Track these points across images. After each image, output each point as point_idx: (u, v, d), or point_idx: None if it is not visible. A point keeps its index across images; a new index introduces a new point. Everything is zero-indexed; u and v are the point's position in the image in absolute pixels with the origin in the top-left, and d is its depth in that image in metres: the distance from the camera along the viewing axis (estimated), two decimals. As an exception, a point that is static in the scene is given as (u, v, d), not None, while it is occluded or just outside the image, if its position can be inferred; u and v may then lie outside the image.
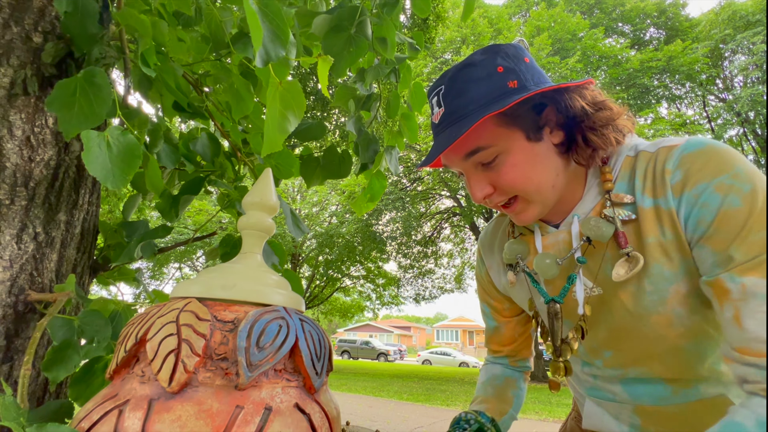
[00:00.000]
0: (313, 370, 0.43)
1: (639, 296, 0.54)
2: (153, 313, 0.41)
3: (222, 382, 0.37)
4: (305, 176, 1.13)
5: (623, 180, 0.56)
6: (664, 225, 0.51)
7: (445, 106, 0.56)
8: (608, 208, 0.55)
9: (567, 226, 0.60)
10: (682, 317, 0.53)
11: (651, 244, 0.52)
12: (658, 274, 0.52)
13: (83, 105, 0.53)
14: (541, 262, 0.59)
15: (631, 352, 0.59)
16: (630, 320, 0.56)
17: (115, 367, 0.39)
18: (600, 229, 0.54)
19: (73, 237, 0.68)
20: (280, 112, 0.50)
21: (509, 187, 0.55)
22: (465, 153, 0.56)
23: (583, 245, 0.57)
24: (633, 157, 0.56)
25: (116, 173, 0.50)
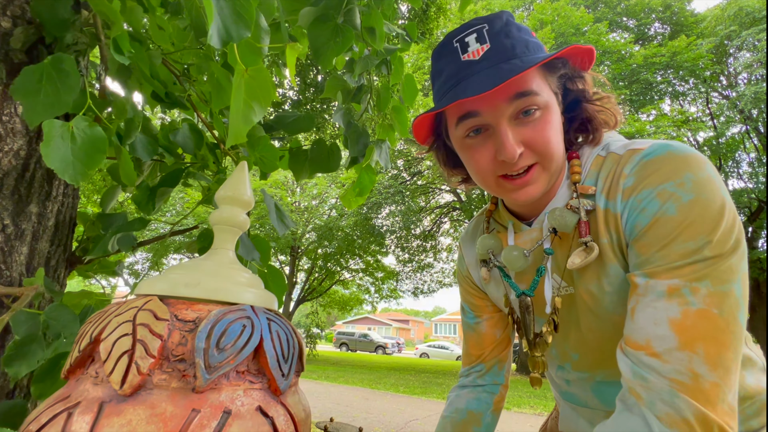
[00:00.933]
0: (279, 372, 0.42)
1: (600, 296, 0.54)
2: (111, 311, 0.40)
3: (178, 384, 0.36)
4: (294, 170, 1.11)
5: (591, 178, 0.56)
6: (611, 228, 0.52)
7: (493, 42, 0.52)
8: (574, 199, 0.55)
9: (539, 224, 0.60)
10: None
11: (605, 245, 0.53)
12: (615, 274, 0.53)
13: (49, 92, 0.51)
14: (508, 254, 0.59)
15: (597, 354, 0.59)
16: (594, 321, 0.57)
17: (69, 367, 0.38)
18: (564, 218, 0.54)
19: (45, 229, 0.66)
20: (244, 101, 0.48)
21: (543, 146, 0.53)
22: (518, 91, 0.51)
23: (550, 236, 0.57)
24: (603, 157, 0.56)
25: (77, 166, 0.48)
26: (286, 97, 7.31)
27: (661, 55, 10.54)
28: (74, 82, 0.53)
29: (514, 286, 0.61)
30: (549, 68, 0.54)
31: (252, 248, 0.80)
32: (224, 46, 0.41)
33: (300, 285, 17.04)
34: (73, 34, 0.63)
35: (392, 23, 1.18)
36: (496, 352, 0.77)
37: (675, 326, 0.42)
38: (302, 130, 1.07)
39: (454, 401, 0.76)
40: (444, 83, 0.56)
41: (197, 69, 0.88)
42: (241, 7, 0.41)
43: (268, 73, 0.48)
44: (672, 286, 0.44)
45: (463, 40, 0.54)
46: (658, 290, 0.44)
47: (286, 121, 1.09)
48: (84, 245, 0.84)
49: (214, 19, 0.40)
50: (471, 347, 0.78)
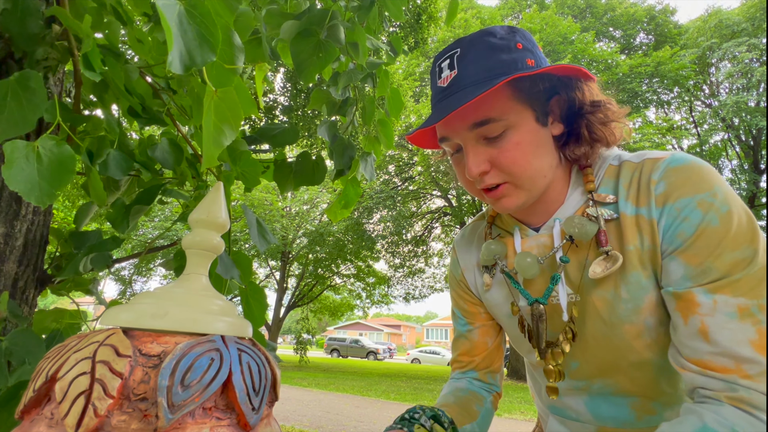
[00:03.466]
0: (249, 406, 0.40)
1: (615, 304, 0.54)
2: (70, 346, 0.38)
3: (139, 425, 0.34)
4: (278, 182, 1.10)
5: (606, 186, 0.56)
6: (644, 234, 0.51)
7: (459, 69, 0.53)
8: (591, 207, 0.55)
9: (548, 230, 0.59)
10: (651, 328, 0.53)
11: (631, 252, 0.52)
12: (635, 282, 0.52)
13: (13, 110, 0.49)
14: (522, 260, 0.58)
15: (599, 363, 0.58)
16: (602, 329, 0.56)
17: (23, 407, 0.36)
18: (584, 227, 0.53)
19: (13, 250, 0.64)
20: (214, 124, 0.47)
21: (508, 167, 0.53)
22: (474, 122, 0.53)
23: (565, 244, 0.56)
24: (617, 166, 0.56)
25: (43, 187, 0.46)
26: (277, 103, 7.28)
27: (646, 64, 10.80)
28: (40, 100, 0.51)
29: (525, 294, 0.60)
30: (523, 87, 0.53)
31: (231, 266, 0.78)
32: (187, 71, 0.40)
33: (291, 290, 16.89)
34: (43, 49, 0.61)
35: (378, 36, 1.18)
36: (487, 362, 0.74)
37: (757, 347, 0.43)
38: (287, 143, 1.06)
39: (453, 383, 0.74)
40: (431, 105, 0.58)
41: (178, 82, 0.87)
42: (207, 30, 0.40)
43: (234, 95, 0.47)
44: (742, 306, 0.44)
45: (440, 66, 0.56)
46: (729, 311, 0.45)
47: (270, 133, 1.07)
48: (57, 263, 0.81)
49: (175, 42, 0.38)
50: (461, 354, 0.75)
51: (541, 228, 0.61)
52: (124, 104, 0.77)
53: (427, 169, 13.33)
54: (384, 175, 14.00)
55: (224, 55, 0.51)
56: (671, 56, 10.91)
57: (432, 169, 12.98)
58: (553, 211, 0.59)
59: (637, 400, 0.58)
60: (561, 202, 0.59)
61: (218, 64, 0.49)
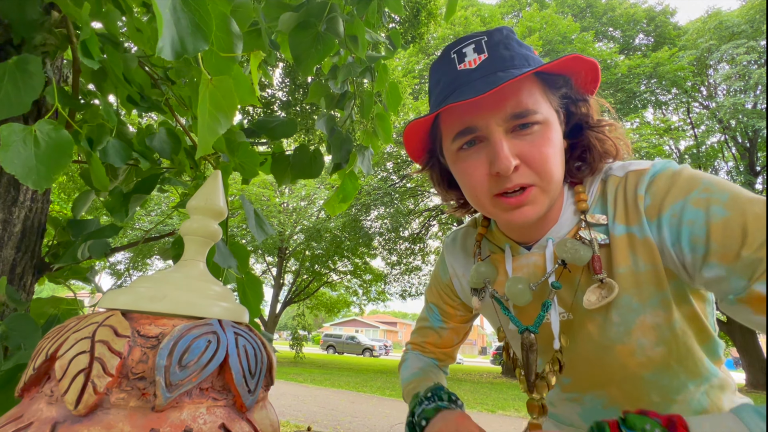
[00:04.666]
0: (245, 388, 0.41)
1: (606, 327, 0.53)
2: (69, 326, 0.38)
3: (137, 403, 0.35)
4: (276, 175, 1.10)
5: (597, 204, 0.54)
6: (638, 254, 0.49)
7: (490, 53, 0.50)
8: (584, 229, 0.52)
9: (540, 249, 0.57)
10: (645, 348, 0.52)
11: (622, 275, 0.50)
12: (626, 305, 0.51)
13: (10, 92, 0.49)
14: (513, 287, 0.55)
15: (591, 379, 0.58)
16: (593, 349, 0.55)
17: (23, 385, 0.37)
18: (578, 252, 0.51)
19: (11, 236, 0.64)
20: (209, 112, 0.47)
21: (541, 164, 0.48)
22: (514, 112, 0.48)
23: (557, 269, 0.53)
24: (603, 181, 0.55)
25: (41, 171, 0.46)
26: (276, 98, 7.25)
27: (645, 65, 10.82)
28: (37, 83, 0.51)
29: (516, 322, 0.57)
30: (550, 85, 0.52)
31: (229, 255, 0.78)
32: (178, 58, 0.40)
33: (287, 287, 16.89)
34: (42, 35, 0.61)
35: (377, 30, 1.18)
36: (446, 353, 0.79)
37: None
38: (285, 135, 1.06)
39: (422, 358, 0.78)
40: (440, 93, 0.53)
41: (176, 72, 0.87)
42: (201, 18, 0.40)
43: (230, 83, 0.47)
44: None
45: (461, 51, 0.52)
46: None
47: (269, 125, 1.08)
48: (54, 251, 0.81)
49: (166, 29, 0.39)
50: (427, 344, 0.79)
51: (533, 246, 0.58)
52: (122, 93, 0.77)
53: (425, 167, 13.27)
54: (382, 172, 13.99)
55: (221, 43, 0.51)
56: (670, 57, 10.94)
57: (430, 167, 12.89)
58: (546, 229, 0.56)
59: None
60: (555, 219, 0.56)
61: (215, 53, 0.49)
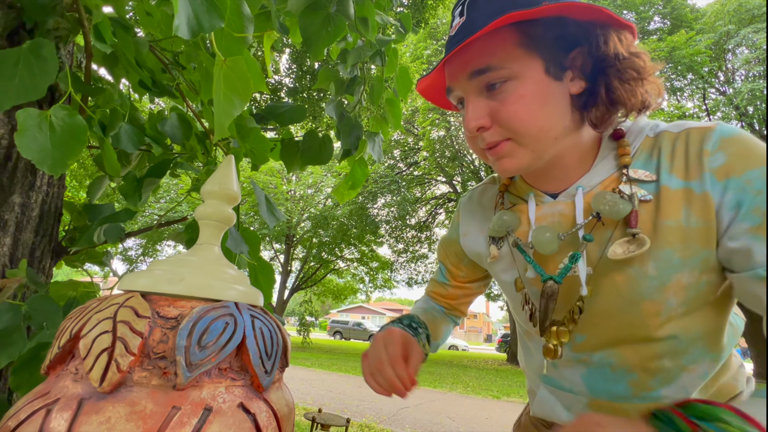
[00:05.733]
0: (262, 369, 0.42)
1: (638, 280, 0.50)
2: (92, 307, 0.39)
3: (159, 382, 0.36)
4: (285, 161, 1.10)
5: (640, 159, 0.51)
6: (692, 209, 0.47)
7: (467, 14, 0.49)
8: (624, 183, 0.50)
9: (567, 198, 0.55)
10: (672, 308, 0.50)
11: (668, 227, 0.48)
12: (666, 259, 0.48)
13: (24, 77, 0.49)
14: (540, 235, 0.54)
15: (607, 338, 0.55)
16: (618, 304, 0.52)
17: (49, 363, 0.38)
18: (617, 205, 0.49)
19: (30, 220, 0.65)
20: (224, 94, 0.47)
21: (508, 121, 0.48)
22: (472, 70, 0.49)
23: (590, 222, 0.52)
24: (653, 137, 0.52)
25: (56, 156, 0.47)
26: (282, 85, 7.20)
27: (660, 50, 10.50)
28: (51, 68, 0.51)
29: (539, 270, 0.56)
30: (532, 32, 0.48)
31: (241, 241, 0.79)
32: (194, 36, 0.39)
33: (295, 273, 17.07)
34: (54, 19, 0.61)
35: (387, 13, 1.16)
36: (452, 304, 0.81)
37: None
38: (294, 121, 1.05)
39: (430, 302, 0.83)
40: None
41: (186, 57, 0.87)
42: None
43: (243, 64, 0.47)
44: None
45: (453, 14, 0.53)
46: None
47: (278, 111, 1.07)
48: (71, 235, 0.83)
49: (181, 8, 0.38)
50: (435, 293, 0.83)
51: (559, 195, 0.56)
52: (134, 78, 0.77)
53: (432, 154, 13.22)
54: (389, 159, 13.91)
55: (233, 23, 0.50)
56: (686, 41, 10.60)
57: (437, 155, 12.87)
58: (574, 177, 0.55)
59: (636, 377, 0.56)
60: (585, 169, 0.54)
61: (227, 33, 0.48)
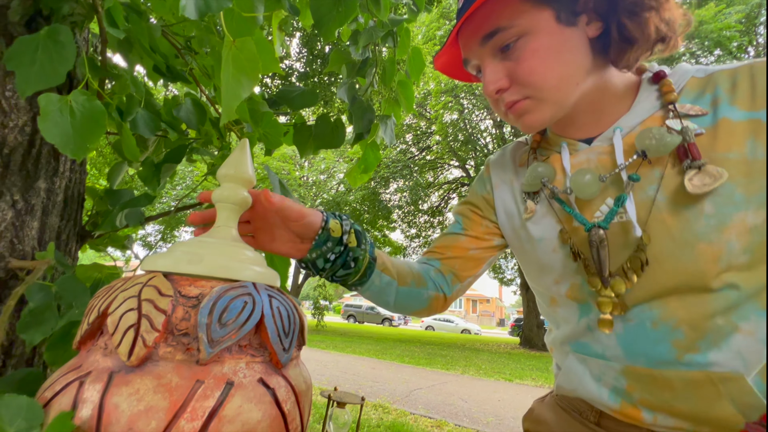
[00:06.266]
0: (280, 346, 0.43)
1: (692, 219, 0.46)
2: (117, 286, 0.41)
3: (183, 357, 0.37)
4: (298, 145, 1.10)
5: (688, 97, 0.49)
6: (759, 141, 0.44)
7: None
8: (672, 119, 0.48)
9: (605, 141, 0.53)
10: (733, 253, 0.44)
11: (730, 161, 0.45)
12: (727, 195, 0.45)
13: (44, 63, 0.50)
14: (579, 178, 0.51)
15: (653, 287, 0.49)
16: (669, 248, 0.47)
17: (80, 338, 0.40)
18: (663, 138, 0.46)
19: (55, 204, 0.68)
20: (233, 75, 0.47)
21: (525, 78, 0.48)
22: (483, 35, 0.49)
23: (635, 161, 0.49)
24: (703, 78, 0.50)
25: (77, 140, 0.48)
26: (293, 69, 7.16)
27: (686, 24, 9.97)
28: (69, 54, 0.52)
29: (580, 218, 0.53)
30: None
31: (256, 225, 0.81)
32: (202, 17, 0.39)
33: (308, 259, 17.30)
34: (69, 4, 0.61)
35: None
36: (457, 262, 0.68)
37: None
38: (306, 105, 1.05)
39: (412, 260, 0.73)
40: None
41: (198, 42, 0.87)
42: None
43: (252, 44, 0.46)
44: None
45: None
46: None
47: (290, 95, 1.07)
48: (93, 220, 0.85)
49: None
50: (438, 246, 0.71)
51: (595, 139, 0.54)
52: (148, 63, 0.77)
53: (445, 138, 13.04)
54: (401, 144, 13.79)
55: (242, 3, 0.50)
56: (715, 15, 10.05)
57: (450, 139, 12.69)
58: (608, 121, 0.53)
59: (681, 336, 0.47)
60: (622, 112, 0.52)
61: (237, 13, 0.48)
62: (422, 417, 3.94)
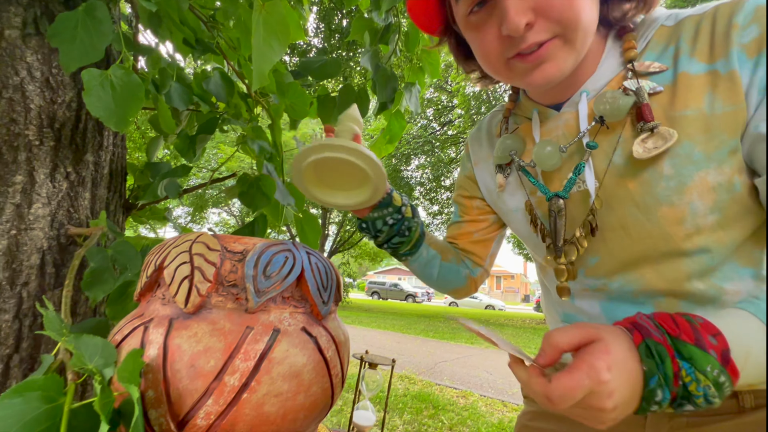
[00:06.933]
0: (320, 299, 0.45)
1: (653, 182, 0.45)
2: (169, 243, 0.44)
3: (233, 305, 0.40)
4: (322, 117, 1.11)
5: (653, 50, 0.46)
6: (717, 94, 0.41)
7: None
8: (630, 79, 0.45)
9: (572, 107, 0.50)
10: (698, 214, 0.43)
11: (687, 118, 0.43)
12: (685, 155, 0.43)
13: (84, 39, 0.53)
14: (540, 150, 0.50)
15: (624, 256, 0.49)
16: (633, 214, 0.47)
17: (140, 291, 0.43)
18: (616, 101, 0.44)
19: (102, 177, 0.72)
20: (264, 39, 0.47)
21: (560, 12, 0.42)
22: None
23: (594, 127, 0.47)
24: (671, 26, 0.46)
25: (119, 113, 0.50)
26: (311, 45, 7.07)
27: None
28: (107, 29, 0.54)
29: (543, 189, 0.52)
30: None
31: (287, 194, 0.83)
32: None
33: (332, 237, 17.63)
34: (103, -19, 0.63)
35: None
36: (467, 248, 0.71)
37: None
38: (329, 75, 1.05)
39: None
40: None
41: (223, 14, 0.87)
42: None
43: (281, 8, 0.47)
44: None
45: None
46: None
47: (312, 66, 1.07)
48: (135, 193, 0.90)
49: None
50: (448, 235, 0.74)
51: (564, 105, 0.51)
52: (178, 37, 0.79)
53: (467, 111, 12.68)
54: (422, 119, 13.54)
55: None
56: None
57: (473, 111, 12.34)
58: (579, 83, 0.49)
59: (662, 300, 0.48)
60: (590, 72, 0.49)
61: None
62: (447, 387, 4.05)
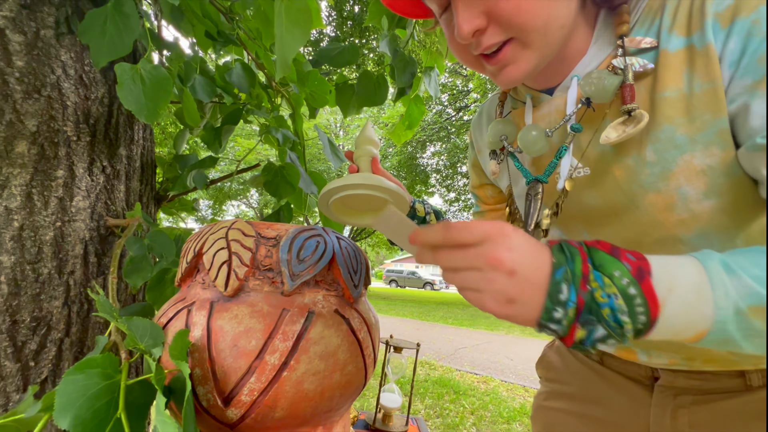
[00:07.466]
0: (351, 282, 0.47)
1: (637, 169, 0.43)
2: (206, 231, 0.46)
3: (270, 288, 0.42)
4: (341, 105, 1.11)
5: (643, 25, 0.43)
6: (695, 71, 0.38)
7: None
8: (619, 57, 0.42)
9: (563, 91, 0.48)
10: (689, 199, 0.41)
11: (668, 99, 0.40)
12: (666, 139, 0.40)
13: (113, 34, 0.54)
14: (525, 135, 0.48)
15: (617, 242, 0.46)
16: (621, 201, 0.45)
17: (180, 276, 0.45)
18: (602, 81, 0.42)
19: (134, 170, 0.75)
20: (287, 27, 0.48)
21: (511, 17, 0.40)
22: None
23: (580, 109, 0.45)
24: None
25: (149, 106, 0.52)
26: (323, 34, 7.02)
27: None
28: (134, 24, 0.56)
29: (525, 172, 0.51)
30: None
31: (310, 182, 0.84)
32: None
33: (349, 226, 17.75)
34: (128, -24, 0.64)
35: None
36: None
37: None
38: (348, 63, 1.05)
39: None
40: None
41: (242, 5, 0.88)
42: None
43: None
44: None
45: None
46: None
47: (330, 54, 1.07)
48: (165, 186, 0.93)
49: None
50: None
51: (555, 90, 0.49)
52: (200, 31, 0.80)
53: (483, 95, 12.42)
54: (437, 105, 13.35)
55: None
56: None
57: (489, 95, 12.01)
58: (569, 67, 0.47)
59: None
60: (581, 54, 0.46)
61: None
62: (468, 373, 4.08)
